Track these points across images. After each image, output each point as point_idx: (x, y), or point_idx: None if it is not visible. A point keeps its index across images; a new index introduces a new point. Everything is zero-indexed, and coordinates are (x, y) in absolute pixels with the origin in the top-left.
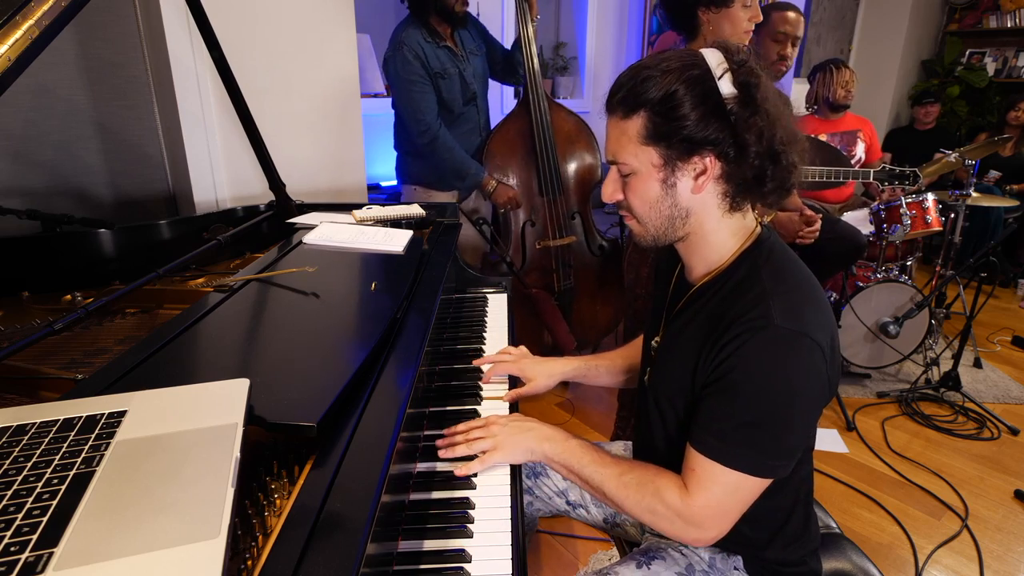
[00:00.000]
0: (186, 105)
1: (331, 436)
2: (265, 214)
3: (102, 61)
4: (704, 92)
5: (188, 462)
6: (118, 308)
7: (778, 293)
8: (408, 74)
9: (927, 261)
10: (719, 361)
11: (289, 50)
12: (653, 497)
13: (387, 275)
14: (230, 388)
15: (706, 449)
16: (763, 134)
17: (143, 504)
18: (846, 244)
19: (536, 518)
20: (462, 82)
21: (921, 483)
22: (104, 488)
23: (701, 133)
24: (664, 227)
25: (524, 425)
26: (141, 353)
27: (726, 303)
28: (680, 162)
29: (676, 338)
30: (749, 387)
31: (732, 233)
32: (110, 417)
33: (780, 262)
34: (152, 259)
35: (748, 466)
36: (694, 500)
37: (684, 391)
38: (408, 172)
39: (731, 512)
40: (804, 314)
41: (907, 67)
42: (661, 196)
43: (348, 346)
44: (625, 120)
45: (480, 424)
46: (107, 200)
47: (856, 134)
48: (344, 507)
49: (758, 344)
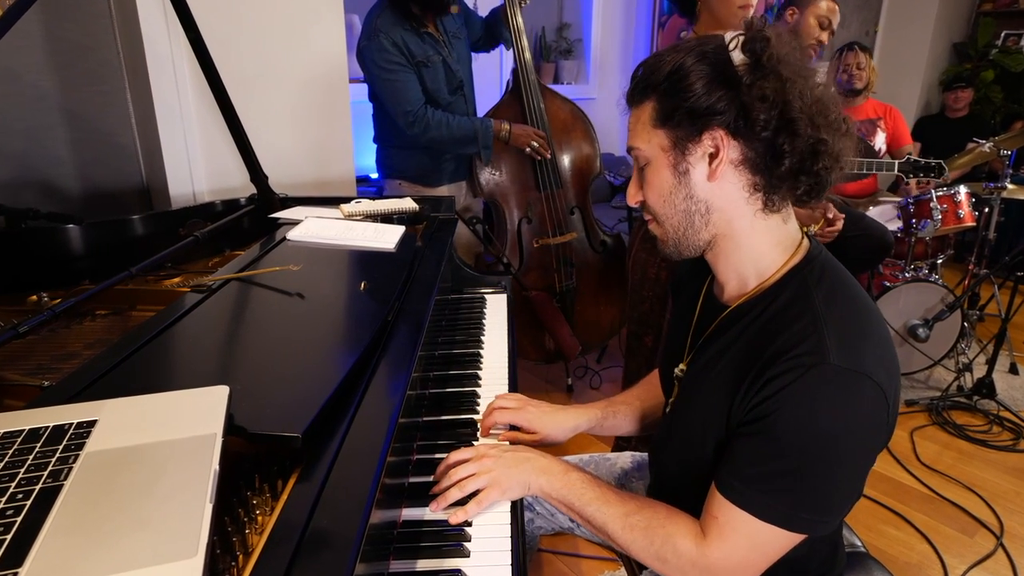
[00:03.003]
0: (161, 91)
1: (317, 447)
2: (246, 208)
3: (71, 44)
4: (714, 63)
5: (163, 475)
6: (88, 309)
7: (833, 321)
8: (386, 63)
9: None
10: (759, 400)
11: (272, 32)
12: (664, 544)
13: (377, 274)
14: (208, 396)
15: (732, 495)
16: (769, 97)
17: (115, 521)
18: (872, 241)
19: (538, 536)
20: (447, 70)
21: (952, 498)
22: (73, 504)
23: (705, 102)
24: (683, 225)
25: (519, 456)
26: (113, 358)
27: (769, 331)
28: (690, 143)
29: (707, 370)
30: (792, 433)
31: (775, 243)
32: (79, 427)
33: (835, 284)
34: (124, 257)
35: (779, 518)
36: (712, 550)
37: (713, 430)
38: (392, 166)
39: (753, 567)
40: (865, 350)
41: (937, 50)
42: (674, 185)
43: (336, 351)
44: (639, 107)
45: (469, 457)
46: (76, 193)
47: (876, 123)
48: (331, 524)
49: (808, 385)
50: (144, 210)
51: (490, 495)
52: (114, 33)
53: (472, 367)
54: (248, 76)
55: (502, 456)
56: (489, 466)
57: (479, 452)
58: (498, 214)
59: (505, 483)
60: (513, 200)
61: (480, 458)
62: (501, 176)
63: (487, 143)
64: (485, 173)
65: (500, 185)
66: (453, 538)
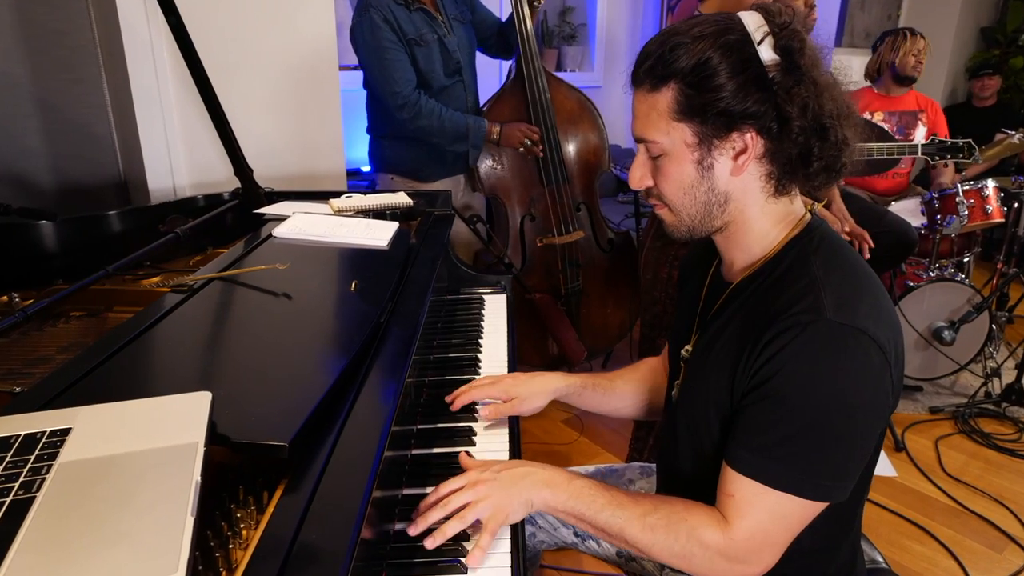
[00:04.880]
0: (139, 78)
1: (305, 457)
2: (230, 203)
3: (43, 29)
4: (742, 59)
5: (141, 487)
6: (62, 311)
7: (831, 283)
8: (377, 40)
9: (987, 257)
10: (760, 364)
11: (257, 16)
12: (688, 539)
13: (369, 273)
14: (190, 402)
15: (744, 467)
16: (809, 105)
17: (90, 535)
18: (894, 239)
19: (539, 551)
20: (443, 51)
21: (980, 511)
22: (46, 517)
23: (740, 106)
24: (700, 216)
25: (515, 472)
26: (88, 362)
27: (768, 296)
28: (717, 140)
29: (711, 345)
30: (795, 393)
31: (777, 220)
32: (52, 435)
33: (833, 250)
34: (100, 255)
35: (794, 486)
36: (736, 532)
37: (720, 406)
38: (385, 158)
39: (779, 542)
40: (861, 307)
41: (964, 35)
42: (696, 180)
43: (325, 354)
44: (654, 93)
45: (461, 485)
46: (49, 187)
47: (917, 116)
48: (320, 539)
49: (806, 341)
50: (121, 205)
51: (496, 523)
52: (89, 17)
53: (470, 372)
54: (232, 62)
55: (497, 477)
56: (485, 492)
57: (471, 478)
58: (499, 211)
59: (507, 506)
60: (515, 196)
61: (474, 484)
62: (503, 170)
63: (477, 143)
64: (486, 166)
65: (502, 180)
66: (450, 554)
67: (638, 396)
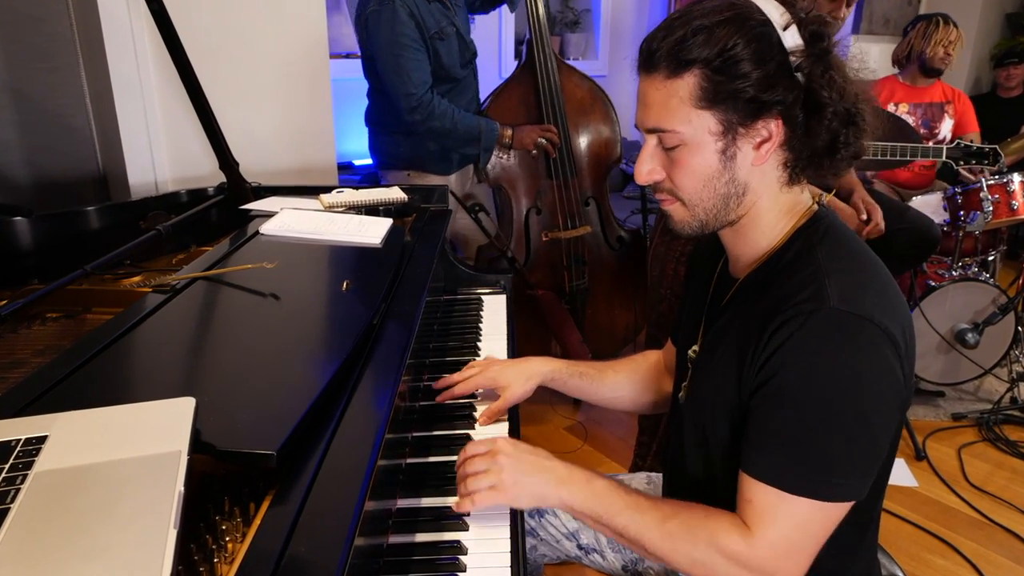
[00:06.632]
0: (119, 67)
1: (294, 467)
2: (214, 199)
3: (17, 15)
4: (768, 45)
5: (122, 498)
6: (37, 312)
7: (835, 271)
8: (396, 35)
9: (1013, 256)
10: (765, 358)
11: (244, 1)
12: (708, 547)
13: (362, 272)
14: (172, 409)
15: (759, 472)
16: (846, 91)
17: (68, 548)
18: (917, 236)
19: (541, 565)
20: (460, 40)
21: (1005, 523)
22: (20, 529)
23: (767, 94)
24: (717, 209)
25: (536, 462)
26: (65, 366)
27: (772, 288)
28: (742, 128)
29: (717, 343)
30: (802, 387)
31: (786, 211)
32: (27, 443)
33: (838, 239)
34: (78, 253)
35: (812, 489)
36: (758, 540)
37: (729, 406)
38: (389, 152)
39: (803, 550)
40: (867, 296)
41: (988, 22)
42: (718, 170)
43: (315, 358)
44: (672, 80)
45: (483, 451)
46: (24, 182)
47: (943, 108)
48: (310, 552)
49: (810, 331)
50: (100, 201)
51: (496, 497)
52: (67, 3)
53: None
54: (217, 50)
55: (520, 459)
56: (501, 465)
57: (495, 448)
58: (504, 203)
59: (513, 490)
60: (521, 187)
61: (495, 454)
62: (509, 160)
63: (489, 146)
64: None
65: (507, 170)
66: (446, 568)
67: (633, 387)
